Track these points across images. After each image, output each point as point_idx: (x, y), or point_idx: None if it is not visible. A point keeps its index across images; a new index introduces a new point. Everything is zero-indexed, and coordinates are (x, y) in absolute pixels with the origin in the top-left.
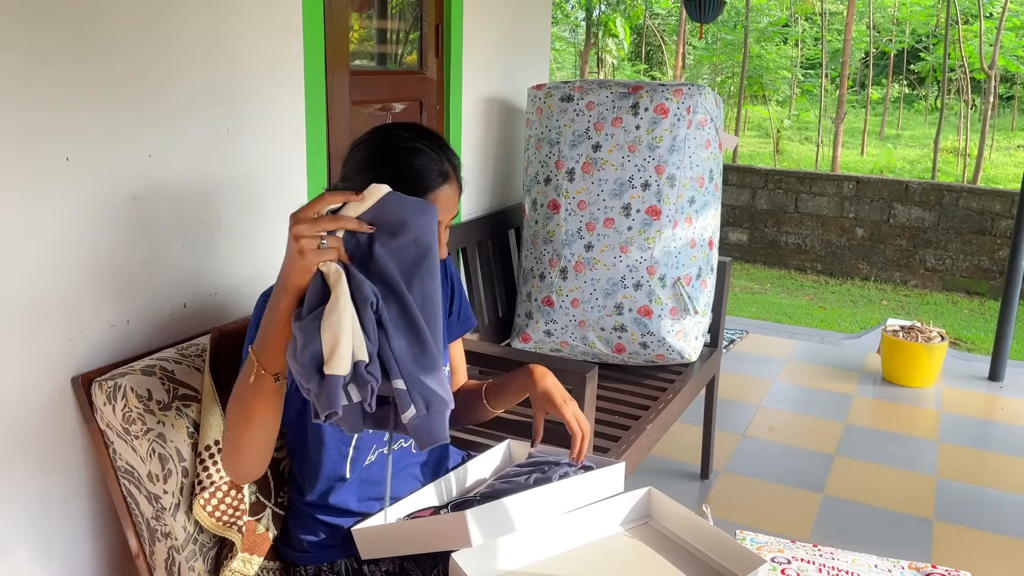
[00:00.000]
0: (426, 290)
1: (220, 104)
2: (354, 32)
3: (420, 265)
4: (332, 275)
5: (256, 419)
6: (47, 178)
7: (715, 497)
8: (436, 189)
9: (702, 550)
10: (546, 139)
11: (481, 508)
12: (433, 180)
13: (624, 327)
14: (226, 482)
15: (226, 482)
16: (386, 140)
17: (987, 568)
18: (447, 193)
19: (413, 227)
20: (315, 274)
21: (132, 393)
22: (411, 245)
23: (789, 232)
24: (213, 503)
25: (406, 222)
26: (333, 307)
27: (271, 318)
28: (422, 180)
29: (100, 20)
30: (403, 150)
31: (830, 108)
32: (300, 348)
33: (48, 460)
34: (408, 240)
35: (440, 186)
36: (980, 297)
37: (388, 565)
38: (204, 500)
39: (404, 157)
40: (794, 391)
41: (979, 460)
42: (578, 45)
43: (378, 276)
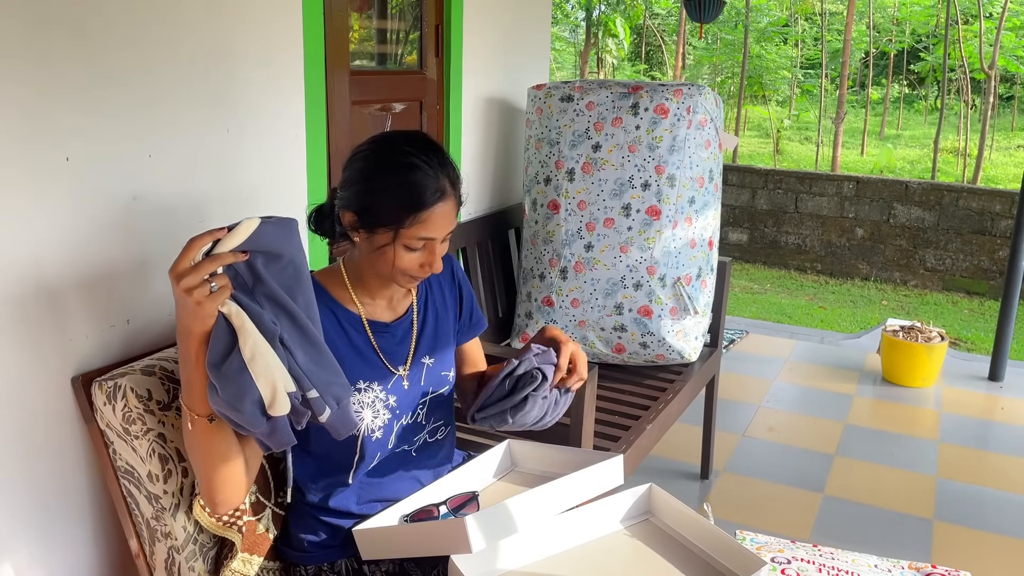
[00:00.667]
0: (308, 299)
1: (220, 104)
2: (354, 32)
3: (299, 279)
4: (234, 316)
5: (208, 460)
6: (47, 178)
7: (715, 497)
8: (431, 207)
9: (703, 549)
10: (546, 139)
11: (481, 513)
12: (429, 197)
13: (624, 327)
14: None
15: None
16: (385, 152)
17: (987, 568)
18: (442, 210)
19: (287, 249)
20: (217, 317)
21: (132, 393)
22: (288, 265)
23: (789, 232)
24: None
25: (281, 246)
26: (253, 352)
27: (187, 367)
28: (417, 198)
29: (100, 20)
30: (400, 165)
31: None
32: (237, 399)
33: (48, 460)
34: (285, 262)
35: (435, 204)
36: (980, 297)
37: (388, 565)
38: (203, 502)
39: (400, 172)
40: (794, 391)
41: (979, 460)
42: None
43: (267, 297)
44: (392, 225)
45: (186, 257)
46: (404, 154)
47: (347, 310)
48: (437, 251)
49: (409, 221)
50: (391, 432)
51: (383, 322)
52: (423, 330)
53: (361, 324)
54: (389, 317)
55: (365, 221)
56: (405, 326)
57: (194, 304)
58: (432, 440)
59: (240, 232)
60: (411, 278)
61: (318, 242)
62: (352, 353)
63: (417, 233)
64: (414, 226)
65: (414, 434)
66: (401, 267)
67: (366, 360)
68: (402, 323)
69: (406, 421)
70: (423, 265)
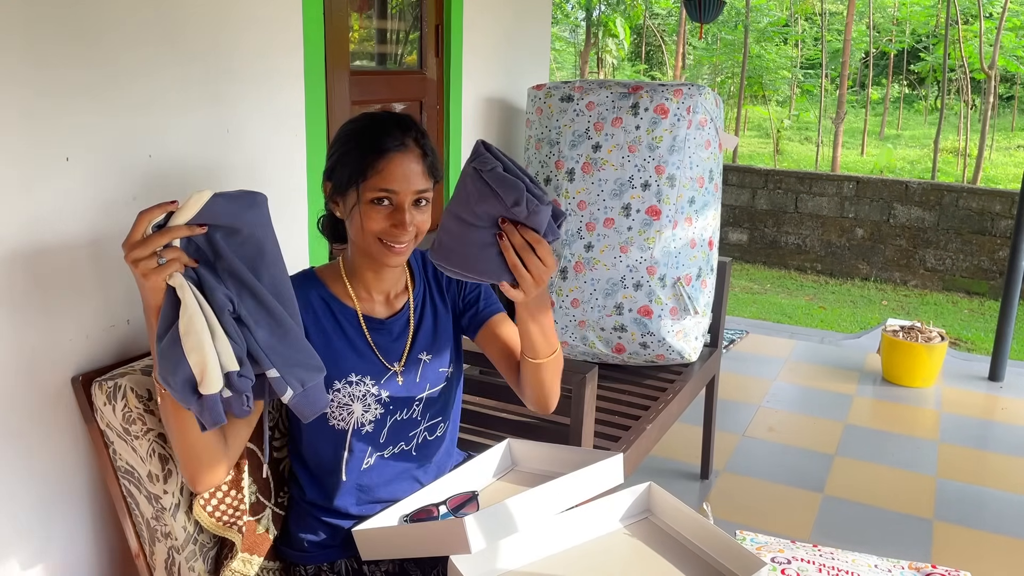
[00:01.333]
0: (274, 276)
1: (220, 104)
2: (354, 32)
3: (263, 255)
4: (178, 289)
5: (179, 433)
6: (47, 178)
7: (715, 497)
8: (387, 154)
9: (703, 548)
10: (546, 139)
11: (480, 513)
12: (386, 144)
13: (624, 327)
14: (225, 482)
15: (225, 482)
16: (358, 118)
17: (987, 568)
18: (400, 160)
19: (246, 223)
20: (167, 290)
21: (132, 393)
22: (248, 240)
23: (789, 232)
24: (213, 503)
25: (238, 219)
26: (188, 326)
27: (150, 340)
28: (374, 144)
29: (100, 21)
30: (365, 119)
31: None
32: (170, 374)
33: (48, 460)
34: (244, 236)
35: (393, 152)
36: (980, 297)
37: (388, 565)
38: (204, 500)
39: (363, 125)
40: (794, 391)
41: (979, 460)
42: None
43: (229, 273)
44: (355, 179)
45: (136, 230)
46: (369, 115)
47: (343, 304)
48: (406, 209)
49: (369, 172)
50: (383, 427)
51: (379, 318)
52: (420, 327)
53: (356, 319)
54: (385, 313)
55: (336, 185)
56: (402, 322)
57: (141, 276)
58: (432, 438)
59: (190, 205)
60: (387, 247)
61: (318, 242)
62: (346, 347)
63: (377, 184)
64: (373, 177)
65: (409, 430)
66: (372, 229)
67: (360, 354)
68: (398, 319)
69: (400, 417)
70: (394, 226)
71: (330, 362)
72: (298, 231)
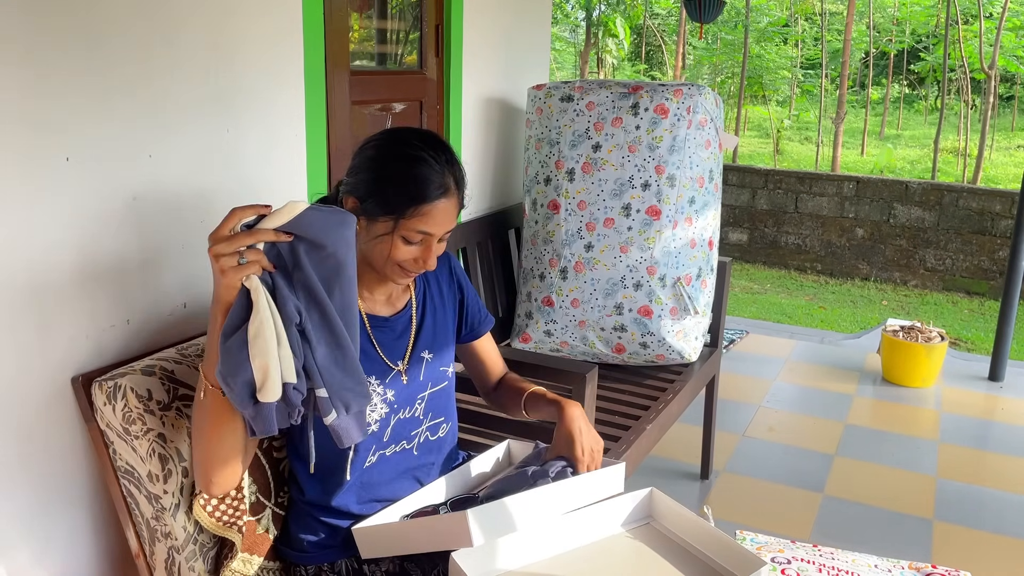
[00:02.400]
0: (346, 297)
1: (220, 104)
2: (354, 32)
3: (340, 275)
4: (253, 292)
5: (214, 432)
6: (47, 178)
7: (715, 497)
8: (433, 201)
9: (703, 551)
10: (546, 139)
11: (482, 508)
12: (432, 191)
13: (624, 327)
14: None
15: None
16: (394, 143)
17: (987, 568)
18: (443, 207)
19: (332, 240)
20: (240, 290)
21: (132, 393)
22: (330, 257)
23: (789, 232)
24: (213, 503)
25: (325, 235)
26: (258, 331)
27: (210, 334)
28: (421, 190)
29: (100, 21)
30: (408, 157)
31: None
32: (231, 374)
33: (48, 460)
34: (327, 253)
35: (438, 199)
36: (980, 297)
37: (388, 565)
38: (204, 500)
39: (408, 164)
40: (794, 391)
41: (979, 460)
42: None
43: (302, 285)
44: (393, 214)
45: (225, 225)
46: (414, 147)
47: None
48: (433, 248)
49: (410, 212)
50: (387, 426)
51: (382, 316)
52: (421, 325)
53: (361, 318)
54: (388, 312)
55: (367, 208)
56: (404, 321)
57: (219, 271)
58: (434, 437)
59: (283, 213)
60: (403, 272)
61: None
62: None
63: (416, 226)
64: (414, 218)
65: (412, 428)
66: (396, 259)
67: (364, 354)
68: (400, 318)
69: (404, 415)
70: (417, 260)
71: None
72: None
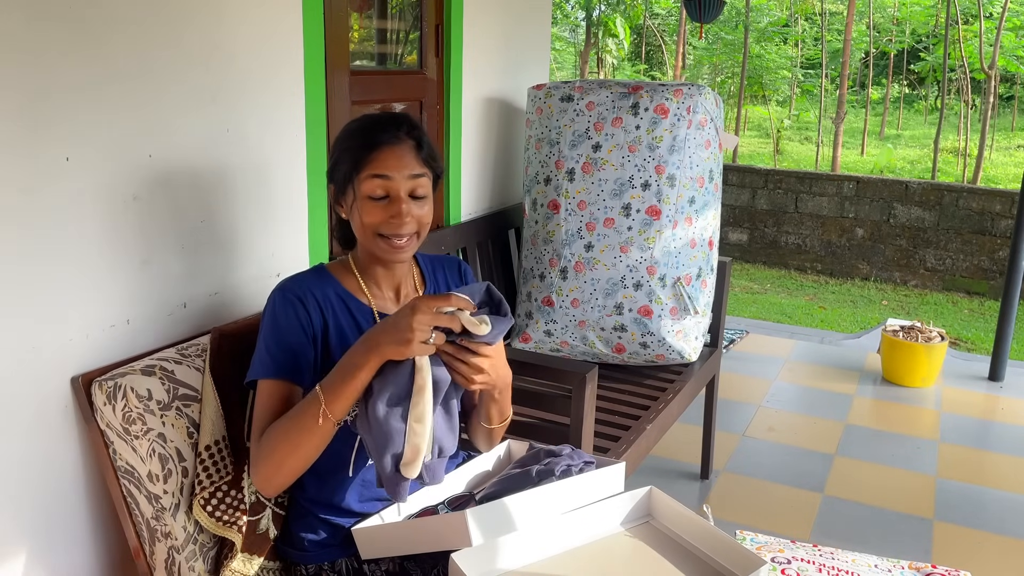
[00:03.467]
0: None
1: (220, 104)
2: (354, 32)
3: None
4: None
5: (306, 451)
6: (47, 178)
7: (715, 497)
8: (380, 147)
9: (703, 550)
10: (546, 139)
11: (481, 508)
12: (377, 137)
13: (624, 327)
14: (225, 482)
15: (225, 482)
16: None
17: (987, 568)
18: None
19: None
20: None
21: (132, 393)
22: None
23: (789, 232)
24: (213, 503)
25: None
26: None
27: (351, 374)
28: (367, 139)
29: (100, 21)
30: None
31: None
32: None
33: (48, 460)
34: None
35: (386, 143)
36: (980, 297)
37: (388, 564)
38: (203, 500)
39: (357, 126)
40: (794, 391)
41: (979, 460)
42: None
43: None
44: (351, 175)
45: (437, 303)
46: (366, 116)
47: (359, 301)
48: (403, 199)
49: (362, 164)
50: None
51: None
52: None
53: (372, 316)
54: (396, 307)
55: (336, 185)
56: None
57: (407, 336)
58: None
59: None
60: (387, 242)
61: (318, 242)
62: None
63: (371, 172)
64: (367, 167)
65: None
66: (370, 223)
67: None
68: None
69: None
70: (392, 217)
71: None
72: (298, 231)
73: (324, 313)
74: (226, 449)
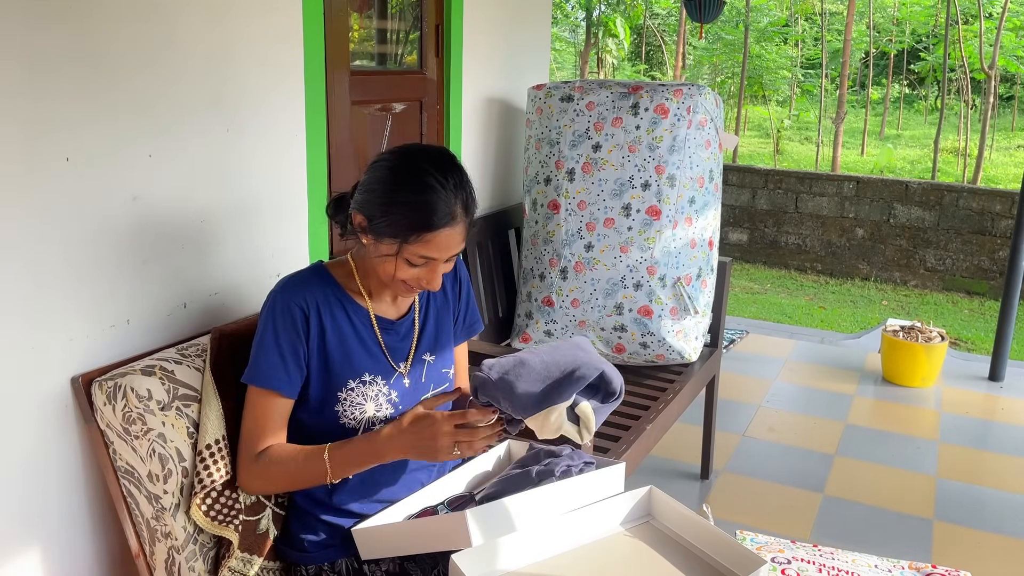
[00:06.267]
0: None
1: (220, 104)
2: (354, 32)
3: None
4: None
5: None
6: (47, 178)
7: (715, 497)
8: (438, 229)
9: (702, 549)
10: (546, 139)
11: (481, 508)
12: (438, 220)
13: (624, 327)
14: (223, 482)
15: (223, 482)
16: (405, 166)
17: (987, 568)
18: (449, 234)
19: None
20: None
21: (132, 393)
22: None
23: (789, 232)
24: (208, 503)
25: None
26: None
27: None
28: (426, 218)
29: (100, 21)
30: (417, 184)
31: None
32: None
33: (48, 460)
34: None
35: (443, 227)
36: (980, 297)
37: (388, 565)
38: (200, 500)
39: (416, 192)
40: (794, 391)
41: (979, 460)
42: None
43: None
44: (397, 238)
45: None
46: (423, 172)
47: (357, 304)
48: (439, 270)
49: (414, 239)
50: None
51: (389, 319)
52: (424, 328)
53: (369, 319)
54: (394, 314)
55: (375, 228)
56: (408, 324)
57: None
58: None
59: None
60: (408, 288)
61: (319, 242)
62: (360, 346)
63: (420, 251)
64: (419, 244)
65: None
66: (400, 278)
67: (372, 355)
68: (405, 320)
69: None
70: (421, 280)
71: (345, 361)
72: (297, 231)
73: (322, 316)
74: (226, 448)
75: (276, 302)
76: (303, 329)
